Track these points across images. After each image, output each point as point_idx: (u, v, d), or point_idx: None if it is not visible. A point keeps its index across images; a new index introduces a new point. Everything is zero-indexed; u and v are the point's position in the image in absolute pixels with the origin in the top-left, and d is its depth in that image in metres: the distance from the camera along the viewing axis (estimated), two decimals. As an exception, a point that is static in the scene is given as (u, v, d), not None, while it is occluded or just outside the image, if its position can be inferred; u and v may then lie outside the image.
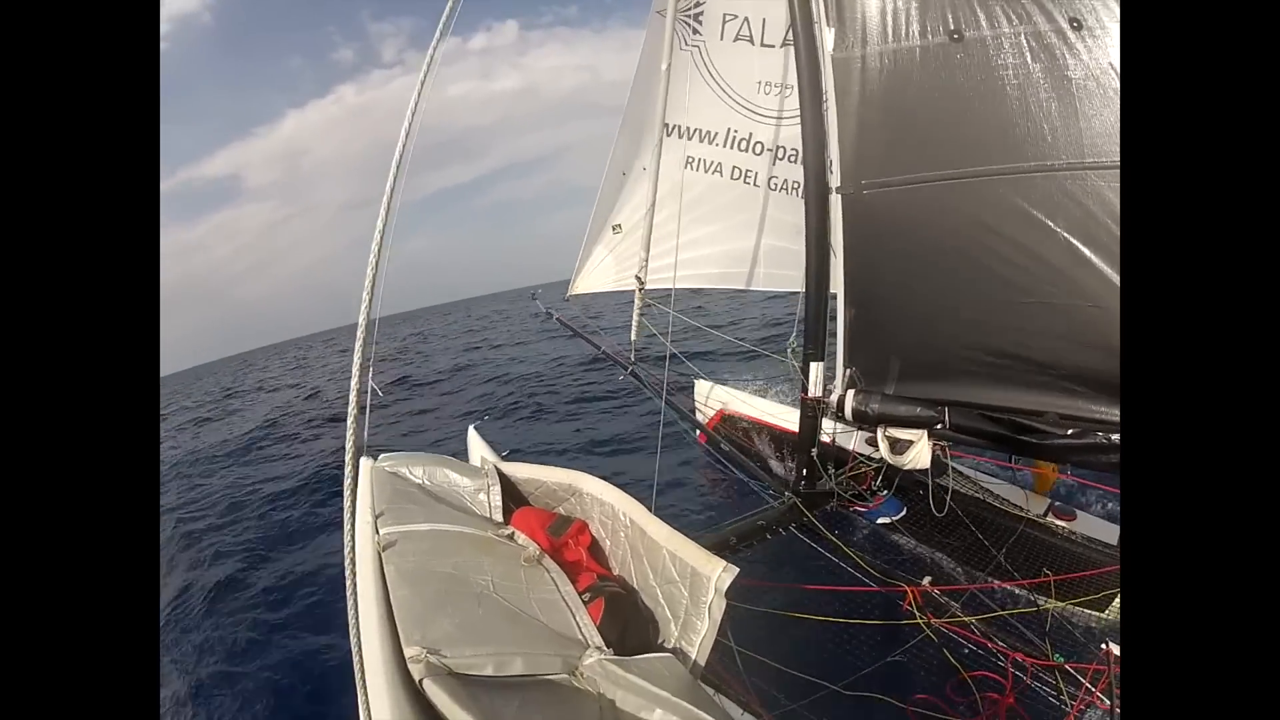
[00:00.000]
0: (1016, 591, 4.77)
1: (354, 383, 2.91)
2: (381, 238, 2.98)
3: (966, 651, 4.11)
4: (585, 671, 2.60)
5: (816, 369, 5.46)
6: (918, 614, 4.34)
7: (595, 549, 3.76)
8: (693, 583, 3.07)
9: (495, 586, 3.08)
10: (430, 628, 2.65)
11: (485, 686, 2.43)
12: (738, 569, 3.02)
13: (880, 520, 5.79)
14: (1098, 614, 4.57)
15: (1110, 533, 5.53)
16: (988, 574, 5.00)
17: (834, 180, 4.95)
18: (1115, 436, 3.96)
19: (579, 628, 3.00)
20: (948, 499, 5.48)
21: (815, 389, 5.48)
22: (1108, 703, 3.39)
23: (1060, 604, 4.54)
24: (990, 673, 3.93)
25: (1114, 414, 4.06)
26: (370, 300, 2.96)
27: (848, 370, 5.10)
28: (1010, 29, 4.02)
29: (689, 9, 7.06)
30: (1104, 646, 3.56)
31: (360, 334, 2.93)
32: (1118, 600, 4.62)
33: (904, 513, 5.86)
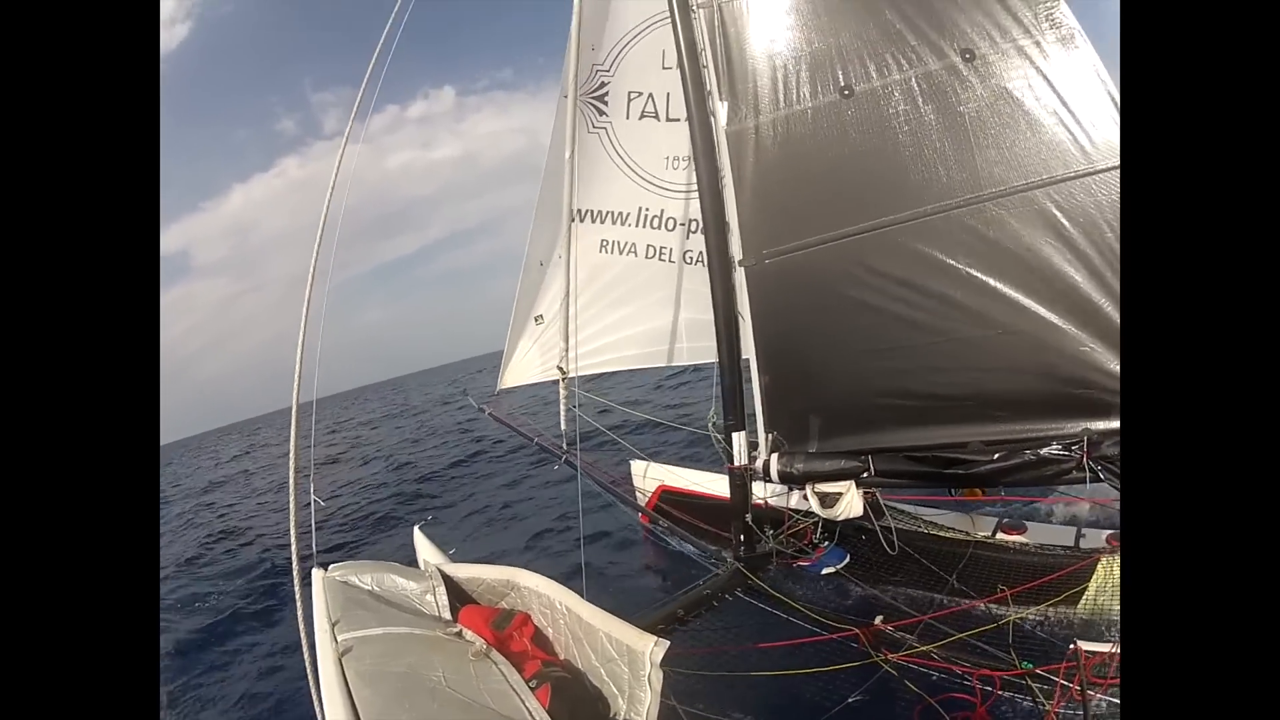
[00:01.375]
0: (975, 611, 4.83)
1: (292, 502, 3.00)
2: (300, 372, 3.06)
3: (935, 678, 4.18)
4: None
5: (739, 438, 5.58)
6: (873, 653, 4.41)
7: (539, 638, 3.84)
8: (630, 659, 3.19)
9: (447, 681, 3.18)
10: None
11: None
12: (668, 642, 3.14)
13: (825, 570, 5.83)
14: (1069, 610, 4.68)
15: (1064, 535, 5.68)
16: (941, 601, 5.08)
17: (736, 252, 5.12)
18: (1043, 450, 4.10)
19: (529, 713, 3.09)
20: (894, 538, 5.57)
21: (740, 458, 5.59)
22: (1090, 694, 3.42)
23: (1024, 613, 4.62)
24: (959, 694, 4.00)
25: (1037, 429, 4.21)
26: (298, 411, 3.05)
27: (769, 435, 5.21)
28: (900, 75, 4.26)
29: (593, 90, 7.19)
30: (1073, 644, 3.62)
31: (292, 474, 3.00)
32: (1086, 596, 4.77)
33: (847, 560, 5.93)
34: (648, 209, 7.39)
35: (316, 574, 4.22)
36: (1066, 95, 3.93)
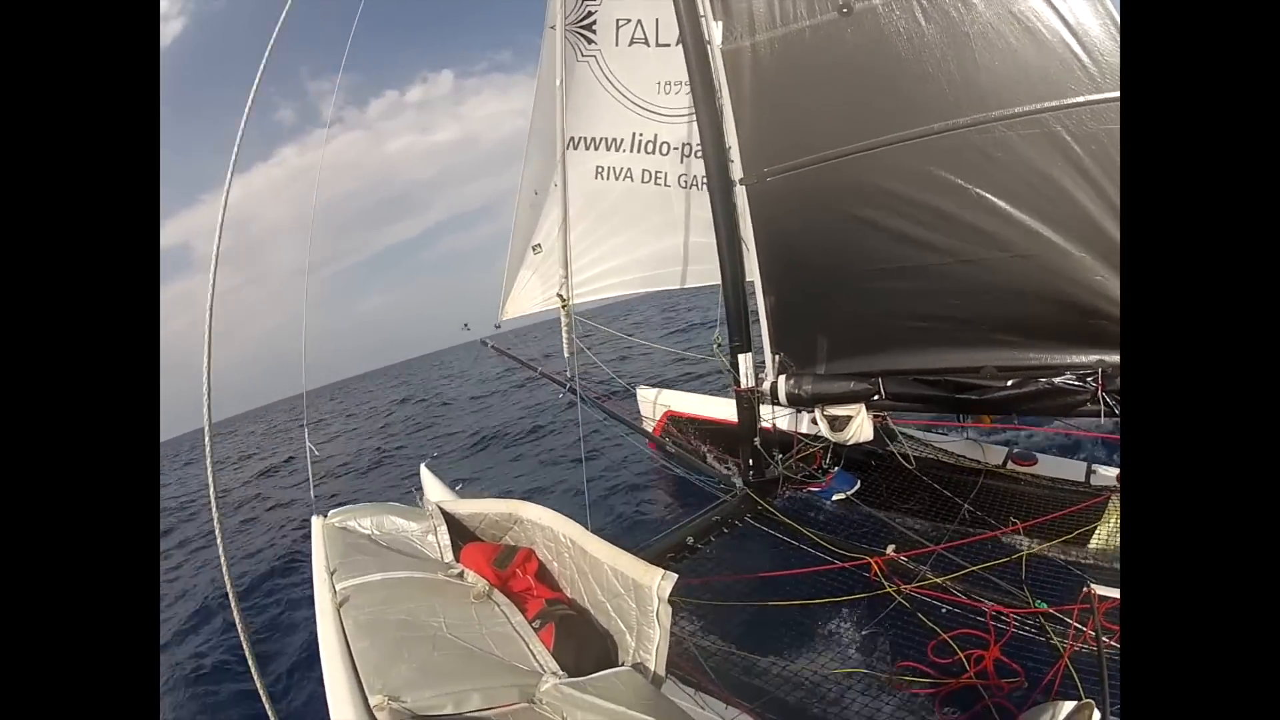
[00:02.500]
0: (987, 543, 4.74)
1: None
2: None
3: (945, 611, 4.12)
4: (543, 698, 2.60)
5: (745, 360, 5.51)
6: (886, 583, 4.34)
7: (543, 574, 3.75)
8: (638, 594, 3.07)
9: (448, 626, 3.09)
10: (390, 675, 2.68)
11: None
12: (677, 575, 3.03)
13: (835, 497, 5.79)
14: (1079, 549, 4.60)
15: (1075, 470, 5.58)
16: (953, 531, 5.00)
17: (736, 172, 4.99)
18: (1057, 380, 4.01)
19: (533, 655, 3.00)
20: (911, 456, 5.56)
21: (747, 380, 5.52)
22: (1102, 640, 3.35)
23: (1037, 547, 4.55)
24: (971, 629, 3.93)
25: (1051, 357, 4.11)
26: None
27: (776, 356, 5.14)
28: None
29: (580, 20, 7.02)
30: (1086, 587, 3.59)
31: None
32: (1097, 534, 4.70)
33: (858, 486, 5.88)
34: (641, 134, 7.26)
35: (315, 521, 4.14)
36: (1073, 21, 3.70)
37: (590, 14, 7.03)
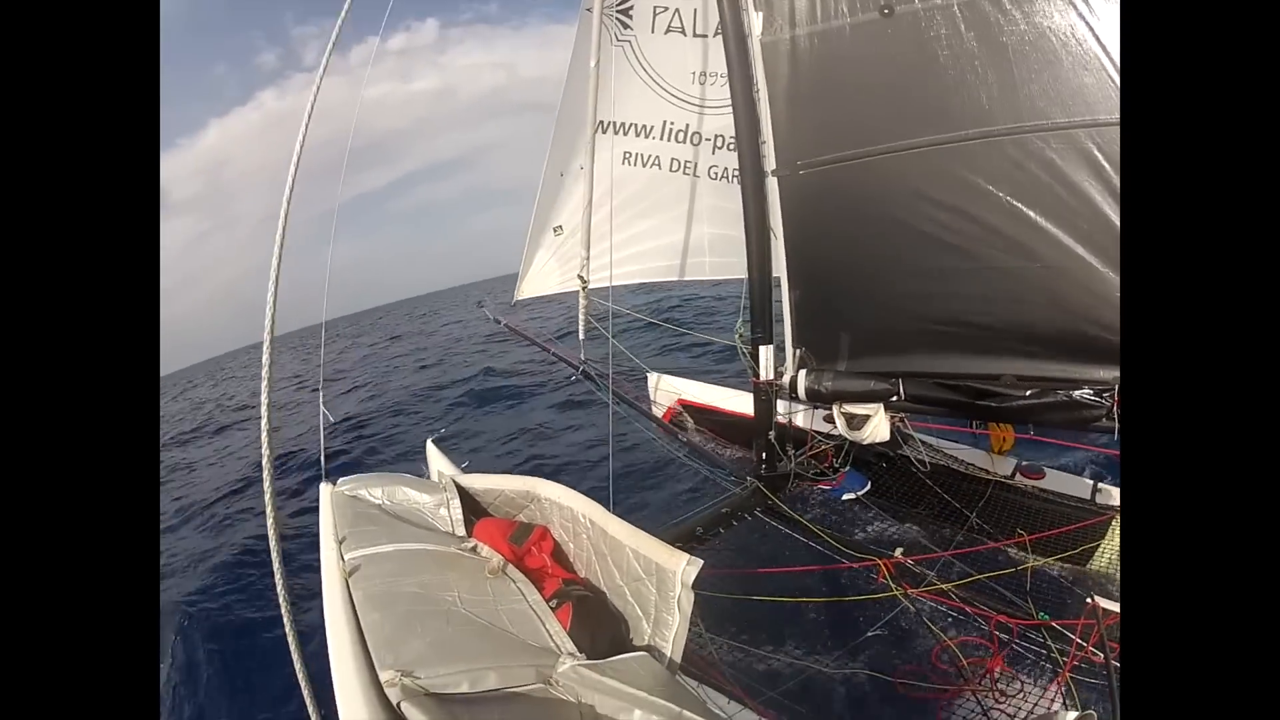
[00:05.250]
0: (994, 554, 4.74)
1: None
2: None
3: (949, 619, 4.12)
4: (559, 679, 2.58)
5: (766, 352, 5.49)
6: (893, 586, 4.33)
7: (559, 554, 3.72)
8: (659, 578, 3.04)
9: (462, 602, 3.05)
10: (402, 650, 2.63)
11: (463, 704, 2.42)
12: (702, 561, 2.99)
13: (845, 496, 5.74)
14: (1080, 568, 4.59)
15: (1081, 487, 5.55)
16: (960, 539, 4.99)
17: (769, 164, 4.97)
18: (1076, 394, 3.98)
19: (549, 635, 2.97)
20: (925, 460, 5.57)
21: (766, 372, 5.50)
22: (1101, 657, 3.38)
23: (1040, 561, 4.53)
24: (975, 637, 3.93)
25: (1071, 371, 4.10)
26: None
27: (797, 351, 5.12)
28: (943, 0, 4.03)
29: (618, 4, 7.00)
30: (1090, 601, 3.57)
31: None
32: (1100, 553, 4.69)
33: (869, 487, 5.83)
34: (672, 123, 7.24)
35: (324, 488, 4.08)
36: (1109, 44, 3.69)
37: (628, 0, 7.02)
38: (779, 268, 5.18)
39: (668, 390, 8.15)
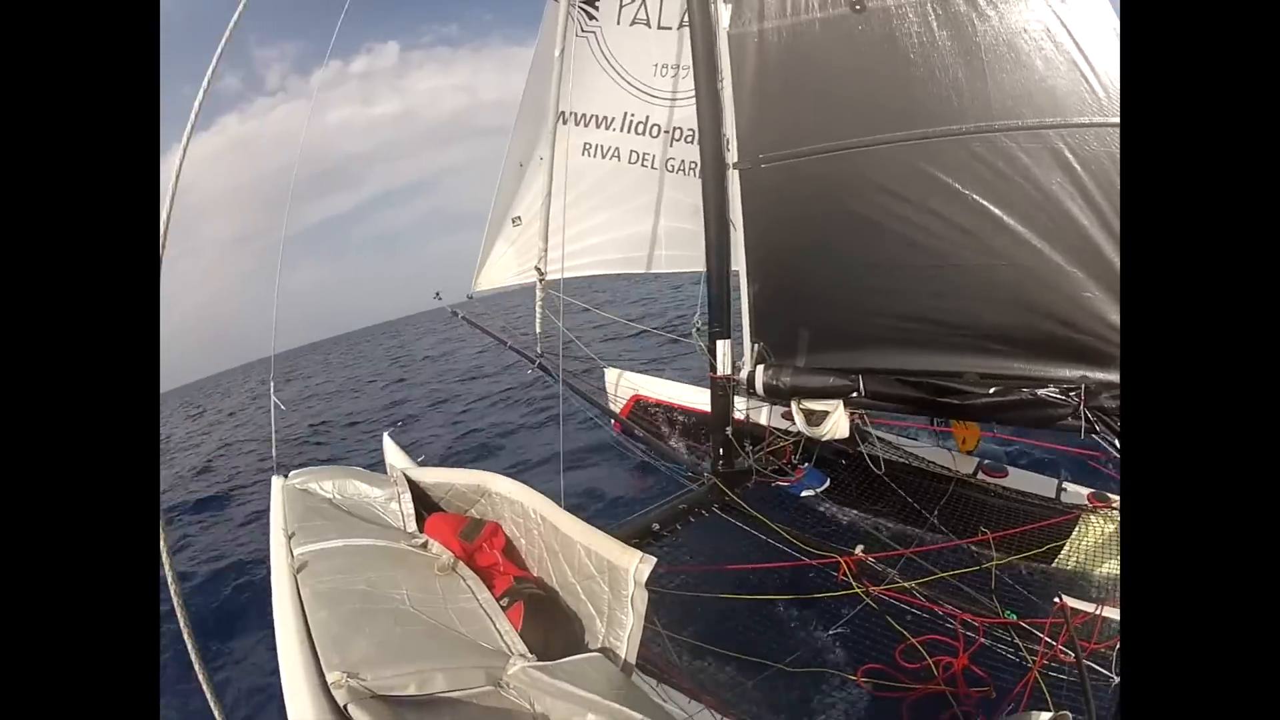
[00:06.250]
0: (957, 553, 4.75)
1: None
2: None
3: (910, 617, 4.10)
4: (510, 681, 2.51)
5: (724, 346, 5.47)
6: (854, 583, 4.33)
7: (510, 550, 3.64)
8: (612, 576, 2.97)
9: (411, 600, 2.96)
10: (349, 650, 2.54)
11: (410, 706, 2.34)
12: (655, 559, 2.92)
13: (804, 493, 5.76)
14: (1046, 567, 4.61)
15: (1046, 485, 5.61)
16: (922, 537, 5.01)
17: (731, 156, 4.95)
18: (1040, 391, 3.99)
19: (500, 635, 2.90)
20: (881, 458, 5.53)
21: (724, 367, 5.49)
22: (1071, 656, 3.38)
23: (1005, 559, 4.53)
24: (940, 635, 3.91)
25: (1036, 369, 4.11)
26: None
27: (756, 345, 5.10)
28: None
29: None
30: (1058, 600, 3.61)
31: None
32: (1067, 552, 4.72)
33: (827, 484, 5.86)
34: (633, 115, 7.24)
35: (276, 481, 4.01)
36: (1085, 45, 3.73)
37: (595, -11, 7.00)
38: (738, 261, 5.16)
39: (626, 386, 8.13)
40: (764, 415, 6.33)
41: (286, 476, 4.07)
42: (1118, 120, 3.67)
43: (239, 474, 14.20)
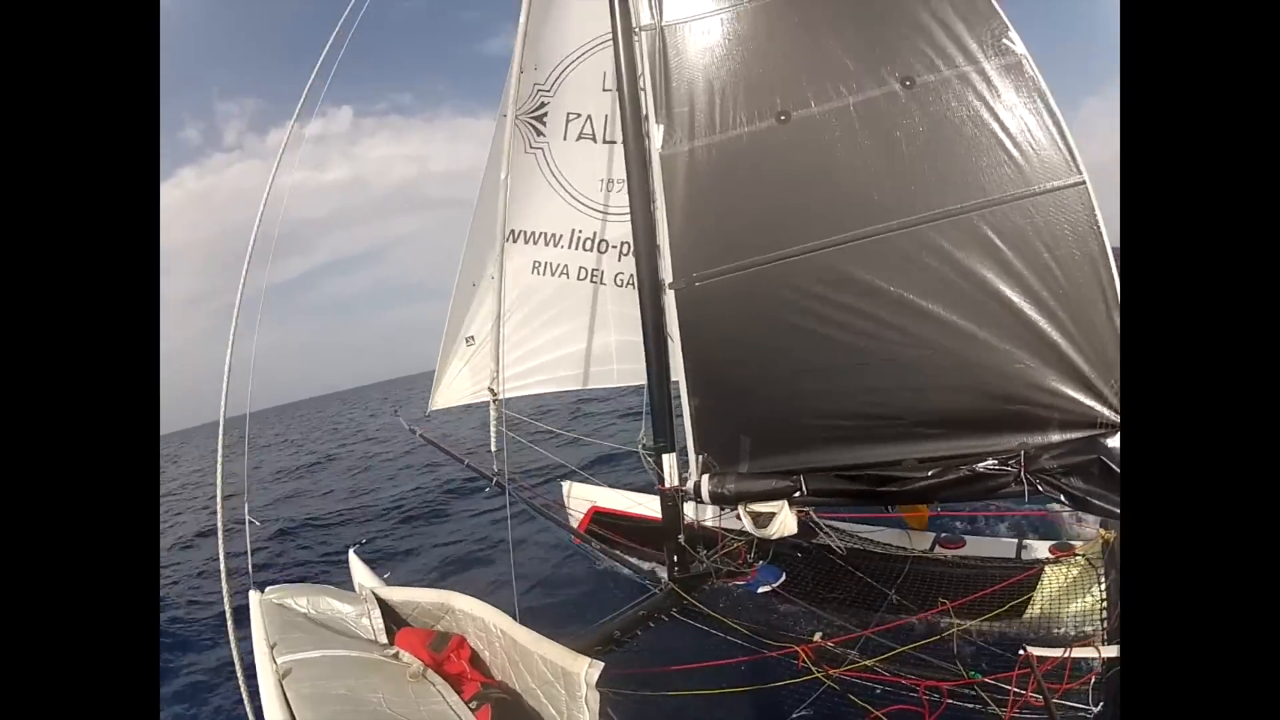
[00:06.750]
0: (916, 625, 4.86)
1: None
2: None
3: (878, 692, 4.19)
4: None
5: (669, 460, 5.65)
6: (814, 669, 4.39)
7: (476, 660, 3.85)
8: (567, 681, 3.20)
9: (387, 703, 3.19)
10: None
11: None
12: (603, 664, 3.15)
13: (760, 590, 5.86)
14: (1014, 622, 4.75)
15: (1004, 548, 5.80)
16: (881, 616, 5.11)
17: (667, 275, 5.14)
18: (979, 466, 4.14)
19: None
20: (837, 547, 5.77)
21: (671, 479, 5.65)
22: (1042, 700, 3.47)
23: (966, 624, 4.64)
24: (905, 704, 4.01)
25: (973, 445, 4.26)
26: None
27: (700, 456, 5.22)
28: (839, 103, 4.32)
29: (533, 110, 7.16)
30: (1023, 651, 3.67)
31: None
32: (1032, 604, 4.87)
33: (783, 578, 5.96)
34: (580, 231, 7.41)
35: (254, 596, 4.22)
36: (1008, 120, 4.03)
37: (544, 105, 7.19)
38: (679, 373, 5.31)
39: (580, 498, 8.23)
40: (717, 518, 6.39)
41: (263, 591, 4.27)
42: (1038, 188, 3.97)
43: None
